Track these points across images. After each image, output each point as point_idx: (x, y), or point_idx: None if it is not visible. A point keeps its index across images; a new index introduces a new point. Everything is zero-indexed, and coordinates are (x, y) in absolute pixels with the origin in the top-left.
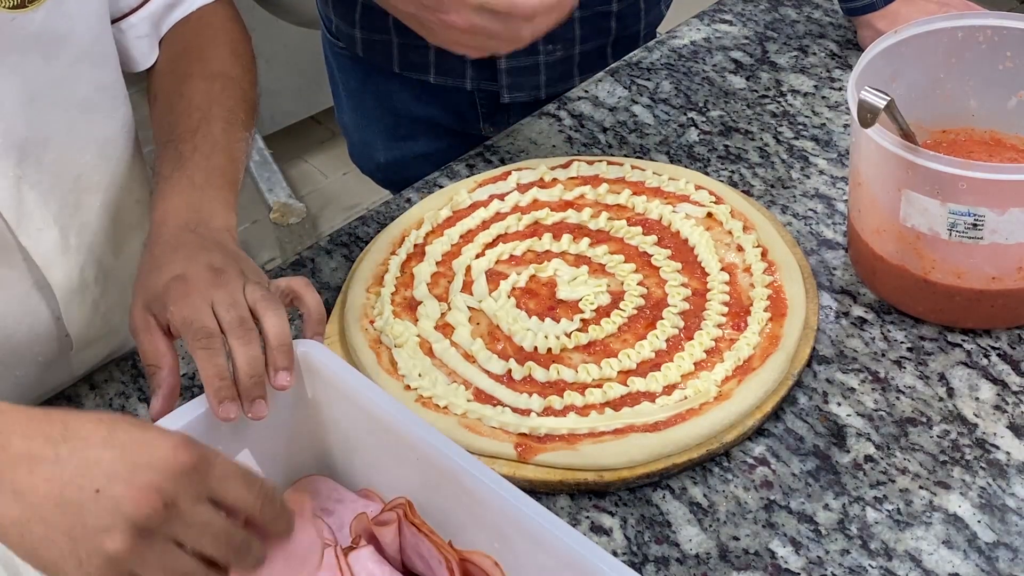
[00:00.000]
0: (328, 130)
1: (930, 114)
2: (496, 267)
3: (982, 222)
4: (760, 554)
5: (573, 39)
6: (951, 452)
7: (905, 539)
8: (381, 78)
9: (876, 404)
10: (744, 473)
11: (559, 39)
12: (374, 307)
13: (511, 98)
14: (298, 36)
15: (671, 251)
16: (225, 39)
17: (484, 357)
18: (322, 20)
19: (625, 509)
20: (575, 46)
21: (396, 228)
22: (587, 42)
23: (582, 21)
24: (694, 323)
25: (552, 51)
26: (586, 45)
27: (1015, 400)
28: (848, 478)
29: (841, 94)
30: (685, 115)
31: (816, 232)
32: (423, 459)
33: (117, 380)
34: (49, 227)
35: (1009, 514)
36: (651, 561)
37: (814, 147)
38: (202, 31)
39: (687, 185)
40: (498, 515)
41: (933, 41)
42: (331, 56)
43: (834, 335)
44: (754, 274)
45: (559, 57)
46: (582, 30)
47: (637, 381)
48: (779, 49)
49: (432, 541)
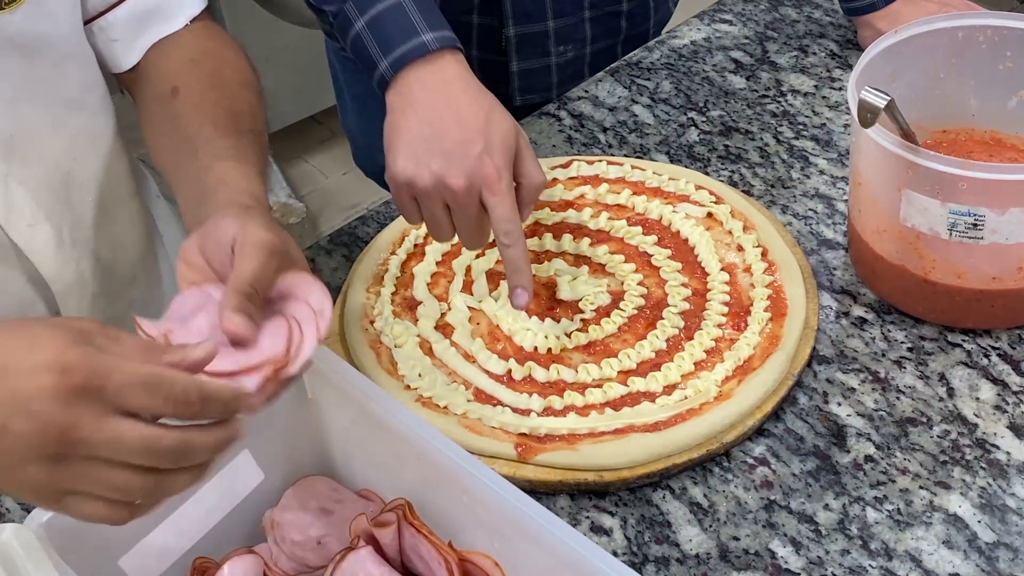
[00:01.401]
0: (328, 130)
1: (930, 114)
2: (496, 267)
3: (982, 222)
4: (760, 554)
5: (584, 39)
6: (951, 452)
7: (905, 539)
8: None
9: (876, 404)
10: (744, 473)
11: (571, 40)
12: (374, 307)
13: (523, 100)
14: (298, 36)
15: (671, 251)
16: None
17: (484, 357)
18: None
19: (625, 509)
20: (586, 46)
21: (396, 228)
22: (598, 42)
23: (593, 21)
24: (694, 323)
25: (564, 52)
26: (597, 45)
27: (1015, 400)
28: (848, 478)
29: (841, 94)
30: (685, 115)
31: (816, 232)
32: (423, 459)
33: None
34: (41, 223)
35: (1009, 514)
36: (651, 561)
37: (814, 147)
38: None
39: (687, 185)
40: (498, 515)
41: (933, 41)
42: (336, 61)
43: (834, 335)
44: (754, 274)
45: (570, 58)
46: (593, 30)
47: (637, 381)
48: (779, 49)
49: (431, 542)
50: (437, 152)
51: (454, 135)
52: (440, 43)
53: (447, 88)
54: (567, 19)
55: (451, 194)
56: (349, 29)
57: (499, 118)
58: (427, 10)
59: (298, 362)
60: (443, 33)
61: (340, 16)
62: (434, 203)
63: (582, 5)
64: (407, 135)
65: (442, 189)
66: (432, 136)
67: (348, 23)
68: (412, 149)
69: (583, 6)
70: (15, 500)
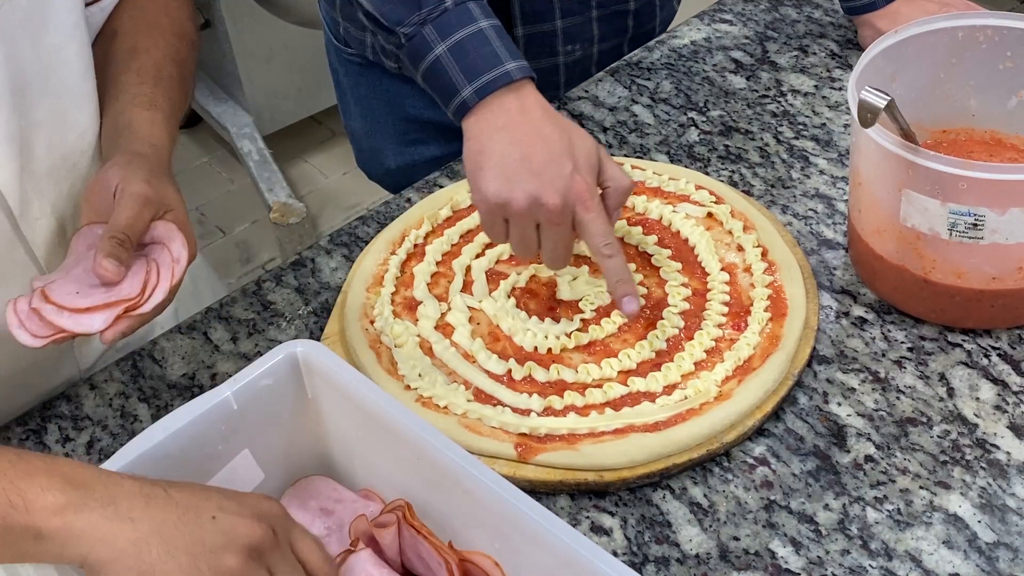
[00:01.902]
0: (328, 130)
1: (930, 114)
2: (496, 267)
3: (982, 222)
4: (760, 554)
5: (592, 38)
6: (951, 452)
7: (905, 539)
8: (392, 83)
9: (876, 404)
10: (744, 473)
11: (579, 39)
12: (374, 307)
13: None
14: (298, 36)
15: (671, 251)
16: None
17: (484, 357)
18: (327, 26)
19: (625, 509)
20: (593, 45)
21: (396, 228)
22: (605, 41)
23: (600, 20)
24: (694, 323)
25: (571, 51)
26: (604, 44)
27: (1015, 400)
28: (848, 478)
29: (841, 94)
30: (685, 115)
31: (816, 232)
32: (423, 459)
33: (117, 380)
34: (47, 216)
35: (1009, 514)
36: (651, 561)
37: (814, 147)
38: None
39: (687, 185)
40: (498, 515)
41: (933, 41)
42: (338, 63)
43: (834, 335)
44: (754, 274)
45: (578, 57)
46: (600, 29)
47: (637, 381)
48: (779, 49)
49: (431, 543)
50: (528, 174)
51: (543, 157)
52: (521, 73)
53: (529, 114)
54: (575, 19)
55: (546, 213)
56: (427, 53)
57: (580, 138)
58: (506, 39)
59: (151, 303)
60: (522, 63)
61: (416, 38)
62: (526, 223)
63: (590, 4)
64: (496, 159)
65: (536, 209)
66: (522, 159)
67: (427, 47)
68: (503, 172)
69: (591, 5)
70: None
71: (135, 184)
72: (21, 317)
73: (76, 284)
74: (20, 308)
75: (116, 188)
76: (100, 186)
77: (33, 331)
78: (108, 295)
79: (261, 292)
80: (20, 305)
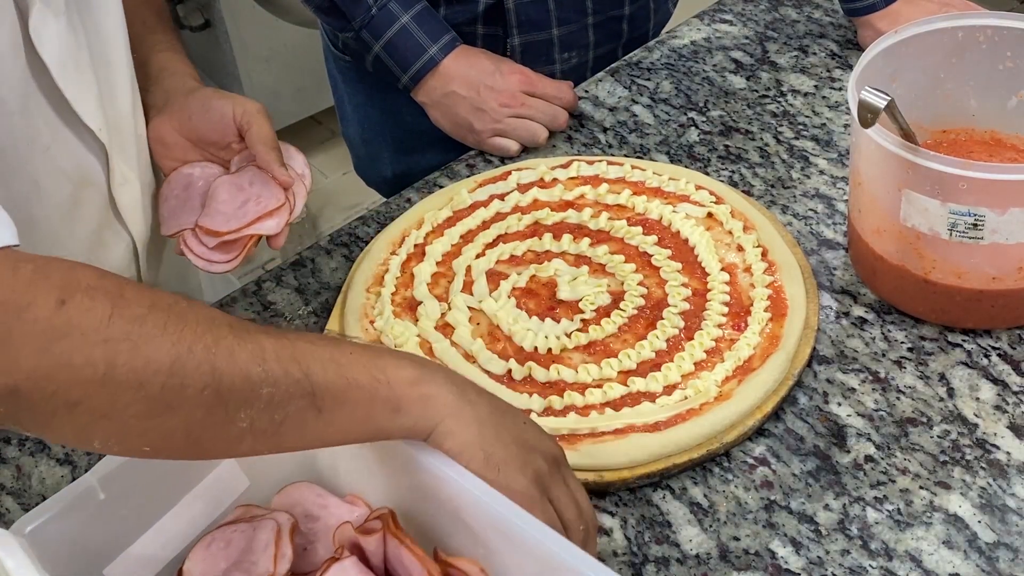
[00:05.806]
0: (328, 130)
1: (930, 114)
2: (496, 267)
3: (982, 222)
4: (760, 554)
5: (588, 45)
6: (951, 452)
7: (905, 539)
8: (390, 92)
9: (876, 404)
10: (744, 473)
11: (575, 46)
12: (374, 307)
13: None
14: (298, 36)
15: (671, 251)
16: None
17: (484, 357)
18: (325, 35)
19: (625, 509)
20: (589, 51)
21: (396, 228)
22: (600, 46)
23: (595, 27)
24: (694, 323)
25: (568, 59)
26: (599, 49)
27: (1015, 400)
28: (848, 478)
29: (841, 94)
30: (685, 115)
31: (816, 232)
32: (409, 465)
33: None
34: (131, 182)
35: (1009, 514)
36: (651, 561)
37: (814, 147)
38: None
39: (687, 185)
40: (483, 521)
41: (933, 41)
42: (336, 71)
43: (834, 335)
44: (754, 274)
45: (574, 64)
46: (596, 35)
47: (637, 381)
48: (779, 49)
49: (414, 554)
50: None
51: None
52: (444, 53)
53: (453, 83)
54: (571, 26)
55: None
56: (368, 53)
57: (507, 66)
58: (428, 22)
59: (298, 208)
60: (444, 40)
61: (358, 41)
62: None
63: (585, 11)
64: (451, 112)
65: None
66: (470, 106)
67: (367, 47)
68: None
69: (586, 12)
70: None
71: (250, 103)
72: (200, 254)
73: (217, 217)
74: (198, 250)
75: (234, 113)
76: (202, 119)
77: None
78: (258, 207)
79: (261, 292)
80: (194, 247)
